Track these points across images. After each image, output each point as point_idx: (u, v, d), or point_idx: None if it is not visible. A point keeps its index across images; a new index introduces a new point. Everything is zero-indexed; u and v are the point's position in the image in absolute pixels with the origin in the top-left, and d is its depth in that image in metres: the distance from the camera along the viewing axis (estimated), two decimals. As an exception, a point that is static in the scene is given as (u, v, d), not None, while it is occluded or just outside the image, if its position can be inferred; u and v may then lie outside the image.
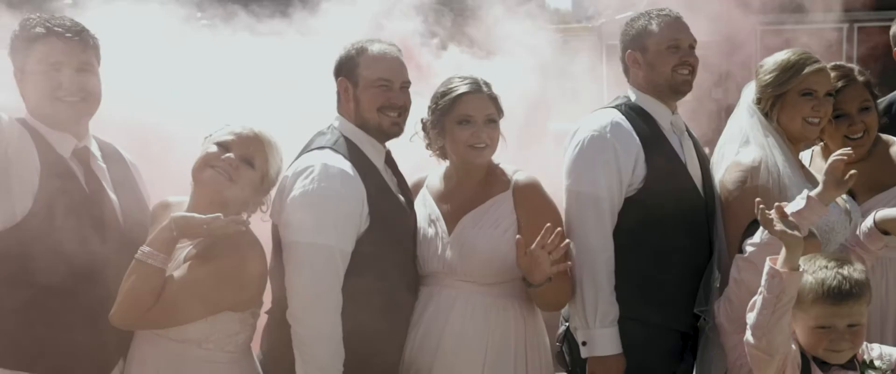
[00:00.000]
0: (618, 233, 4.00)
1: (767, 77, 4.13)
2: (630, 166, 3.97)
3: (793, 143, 4.14)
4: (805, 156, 4.59)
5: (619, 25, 11.12)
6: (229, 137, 3.68)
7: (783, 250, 3.27)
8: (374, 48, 3.88)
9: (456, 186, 4.04)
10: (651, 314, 3.99)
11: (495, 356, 3.88)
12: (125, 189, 3.84)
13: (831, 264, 3.33)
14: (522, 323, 3.95)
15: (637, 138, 4.00)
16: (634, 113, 4.10)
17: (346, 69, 3.89)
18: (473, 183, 4.00)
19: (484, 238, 3.87)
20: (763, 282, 3.28)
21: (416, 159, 4.26)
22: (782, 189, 3.96)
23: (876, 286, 4.22)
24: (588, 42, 11.22)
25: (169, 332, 3.58)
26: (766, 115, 4.12)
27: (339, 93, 3.92)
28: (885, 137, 4.49)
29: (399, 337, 3.92)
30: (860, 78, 4.35)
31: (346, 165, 3.73)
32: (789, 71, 4.09)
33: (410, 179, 4.18)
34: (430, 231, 3.97)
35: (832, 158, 3.65)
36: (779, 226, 3.29)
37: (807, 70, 4.07)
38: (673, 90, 4.12)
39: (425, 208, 4.06)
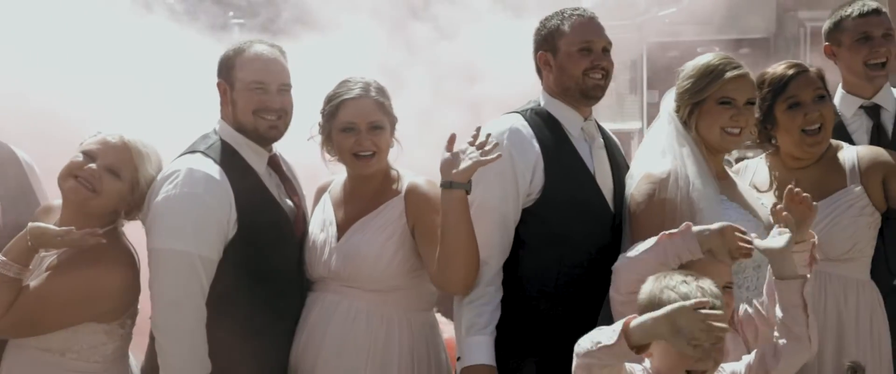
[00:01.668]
0: (517, 245, 3.81)
1: (685, 83, 3.84)
2: (527, 176, 3.76)
3: (712, 153, 3.85)
4: (751, 164, 4.31)
5: (660, 22, 10.76)
6: (95, 147, 3.63)
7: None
8: (252, 50, 3.78)
9: (351, 192, 3.92)
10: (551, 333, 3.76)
11: (378, 365, 3.75)
12: (12, 191, 3.82)
13: (689, 278, 3.08)
14: (408, 333, 3.80)
15: (537, 146, 3.80)
16: (540, 118, 3.88)
17: (224, 71, 3.81)
18: (367, 189, 3.87)
19: (368, 243, 3.75)
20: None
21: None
22: (691, 203, 3.69)
23: (813, 303, 3.88)
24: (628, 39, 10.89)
25: (30, 340, 3.56)
26: (685, 123, 3.85)
27: (220, 95, 3.83)
28: (834, 141, 4.17)
29: (281, 343, 3.81)
30: (813, 68, 4.07)
31: (214, 170, 3.65)
32: (707, 77, 3.79)
33: (317, 183, 4.07)
34: (321, 237, 3.86)
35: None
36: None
37: (725, 76, 3.76)
38: (584, 95, 3.88)
39: (322, 214, 3.95)
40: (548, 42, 3.91)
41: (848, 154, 4.10)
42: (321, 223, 3.90)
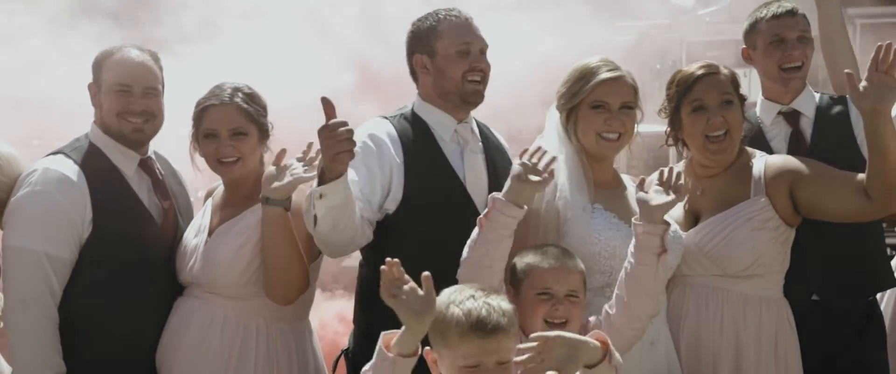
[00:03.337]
0: (379, 251, 3.63)
1: (562, 88, 3.70)
2: (385, 182, 3.66)
3: (597, 159, 3.65)
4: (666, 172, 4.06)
5: (701, 21, 10.33)
6: None
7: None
8: (119, 53, 3.79)
9: (227, 197, 3.89)
10: None
11: (232, 373, 3.71)
12: None
13: (479, 294, 2.95)
14: (267, 342, 3.74)
15: (397, 151, 3.70)
16: (408, 123, 3.79)
17: (94, 74, 3.84)
18: (237, 195, 3.83)
19: (224, 249, 3.72)
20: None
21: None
22: (556, 212, 3.52)
23: (709, 321, 3.75)
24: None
25: None
26: (566, 129, 3.66)
27: (90, 97, 3.86)
28: (748, 149, 3.91)
29: (144, 346, 3.79)
30: (725, 71, 3.82)
31: (71, 170, 3.68)
32: (580, 81, 3.63)
33: (205, 188, 4.05)
34: (193, 242, 3.84)
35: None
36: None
37: (596, 79, 3.59)
38: (463, 100, 3.77)
39: (201, 219, 3.92)
40: (423, 44, 3.79)
41: (758, 164, 3.83)
42: (197, 228, 3.88)
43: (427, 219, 3.65)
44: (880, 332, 4.00)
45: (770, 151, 3.96)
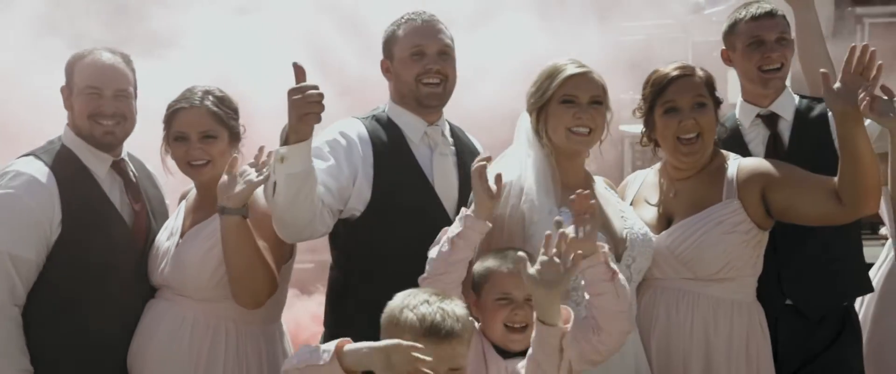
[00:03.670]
0: (347, 255, 3.75)
1: (531, 88, 3.67)
2: (351, 179, 3.65)
3: (569, 159, 3.63)
4: (641, 175, 4.06)
5: (707, 21, 10.26)
6: None
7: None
8: (91, 55, 3.80)
9: (199, 200, 3.90)
10: None
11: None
12: None
13: (434, 298, 2.94)
14: (236, 344, 3.75)
15: (365, 151, 3.69)
16: (379, 124, 3.79)
17: (66, 76, 3.85)
18: (209, 198, 3.81)
19: (194, 251, 3.73)
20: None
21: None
22: (522, 215, 3.49)
23: (679, 324, 3.72)
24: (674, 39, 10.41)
25: None
26: (536, 131, 3.64)
27: (64, 100, 3.87)
28: (723, 151, 3.87)
29: (115, 347, 3.79)
30: (700, 72, 3.79)
31: (41, 172, 3.70)
32: (548, 79, 3.61)
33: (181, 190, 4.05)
34: (166, 245, 3.85)
35: (475, 162, 3.31)
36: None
37: (563, 75, 3.57)
38: (419, 103, 3.77)
39: (174, 221, 3.94)
40: (387, 48, 3.84)
41: (732, 166, 3.80)
42: (169, 231, 3.89)
43: (395, 220, 3.65)
44: (856, 338, 3.95)
45: (748, 154, 3.93)
